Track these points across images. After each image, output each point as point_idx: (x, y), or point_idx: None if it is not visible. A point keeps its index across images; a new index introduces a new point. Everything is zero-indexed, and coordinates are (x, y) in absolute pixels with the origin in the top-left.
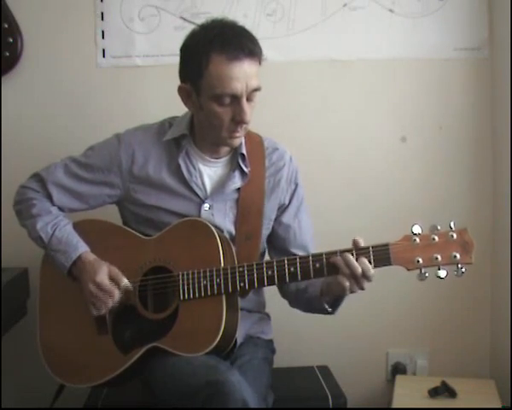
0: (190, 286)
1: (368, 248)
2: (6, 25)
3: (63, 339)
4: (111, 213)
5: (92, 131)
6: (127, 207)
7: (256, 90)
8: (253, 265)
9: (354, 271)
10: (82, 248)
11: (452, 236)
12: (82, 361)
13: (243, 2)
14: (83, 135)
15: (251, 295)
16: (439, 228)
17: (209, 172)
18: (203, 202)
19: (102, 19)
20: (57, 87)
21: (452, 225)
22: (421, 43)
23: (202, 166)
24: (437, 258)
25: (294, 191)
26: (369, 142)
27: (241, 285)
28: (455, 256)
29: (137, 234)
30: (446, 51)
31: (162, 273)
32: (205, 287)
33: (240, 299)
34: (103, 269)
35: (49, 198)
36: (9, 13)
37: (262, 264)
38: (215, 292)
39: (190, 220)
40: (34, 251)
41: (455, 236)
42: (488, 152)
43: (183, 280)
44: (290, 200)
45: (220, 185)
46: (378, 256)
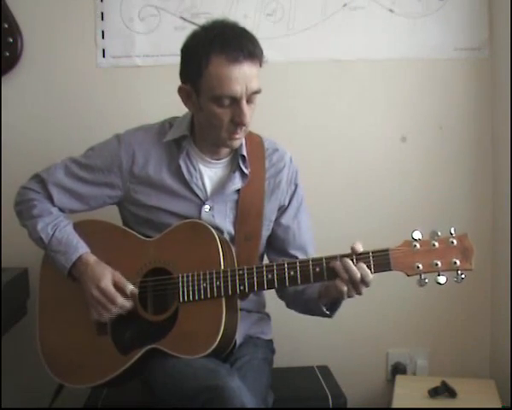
0: (190, 288)
1: (368, 253)
2: (6, 25)
3: (63, 339)
4: (111, 213)
5: (92, 131)
6: (127, 207)
7: (256, 92)
8: (253, 268)
9: (353, 276)
10: (82, 249)
11: (452, 242)
12: (81, 362)
13: (243, 2)
14: (83, 135)
15: (250, 295)
16: (440, 234)
17: (209, 173)
18: (203, 204)
19: (102, 19)
20: (57, 87)
21: (453, 231)
22: (421, 43)
23: (203, 167)
24: (437, 264)
25: (294, 192)
26: (369, 142)
27: (241, 288)
28: (455, 262)
29: (138, 235)
30: (447, 51)
31: (162, 275)
32: (204, 289)
33: (239, 300)
34: (107, 275)
35: (50, 199)
36: (9, 13)
37: (262, 267)
38: (215, 295)
39: (191, 222)
40: (34, 251)
41: (455, 242)
42: (488, 152)
43: (183, 282)
44: (290, 201)
45: (220, 186)
46: (378, 261)
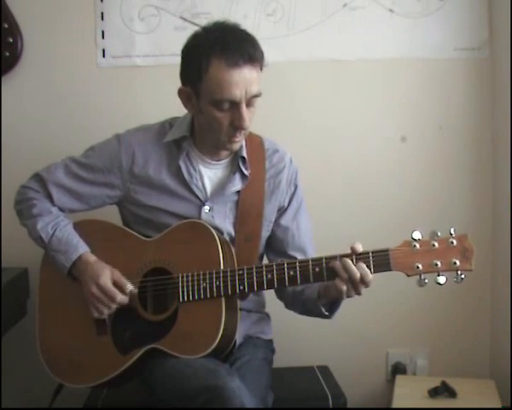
0: (190, 288)
1: (368, 253)
2: (6, 25)
3: (62, 339)
4: (111, 213)
5: (92, 131)
6: (127, 207)
7: (256, 96)
8: (253, 268)
9: (352, 276)
10: (82, 248)
11: (452, 242)
12: (81, 361)
13: (243, 2)
14: (83, 135)
15: (250, 295)
16: (439, 234)
17: (209, 174)
18: (203, 204)
19: (102, 19)
20: (57, 87)
21: (452, 231)
22: (421, 43)
23: (203, 168)
24: (437, 264)
25: (294, 193)
26: (369, 142)
27: (241, 288)
28: (455, 263)
29: (137, 235)
30: (447, 51)
31: (162, 275)
32: (204, 289)
33: (239, 300)
34: (106, 272)
35: (50, 198)
36: (9, 13)
37: (262, 267)
38: (214, 295)
39: (190, 222)
40: (34, 251)
41: (455, 242)
42: (488, 152)
43: (183, 282)
44: (289, 202)
45: (220, 187)
46: (378, 262)
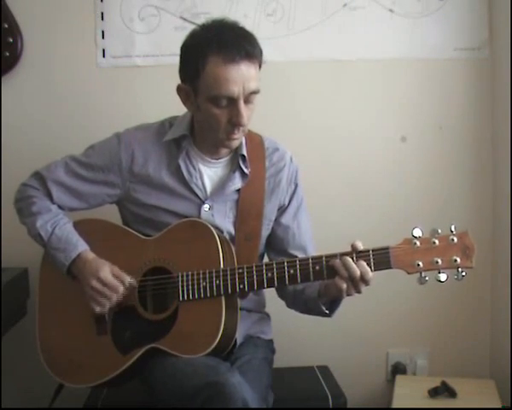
0: (190, 287)
1: (368, 251)
2: (6, 25)
3: (62, 339)
4: (111, 212)
5: (92, 131)
6: (127, 206)
7: (254, 92)
8: (253, 267)
9: (352, 273)
10: (81, 246)
11: (453, 239)
12: (81, 361)
13: (243, 2)
14: (83, 135)
15: (251, 294)
16: (440, 231)
17: (209, 172)
18: (203, 203)
19: (102, 19)
20: (57, 87)
21: (453, 229)
22: (421, 43)
23: (202, 166)
24: (437, 262)
25: (294, 192)
26: (369, 142)
27: (241, 287)
28: (455, 260)
29: (137, 234)
30: (447, 51)
31: (162, 274)
32: (204, 288)
33: (239, 299)
34: (106, 267)
35: (49, 196)
36: (9, 13)
37: (262, 266)
38: (214, 294)
39: (190, 221)
40: (34, 251)
41: (455, 239)
42: (488, 152)
43: (183, 281)
44: (290, 200)
45: (220, 186)
46: (378, 259)
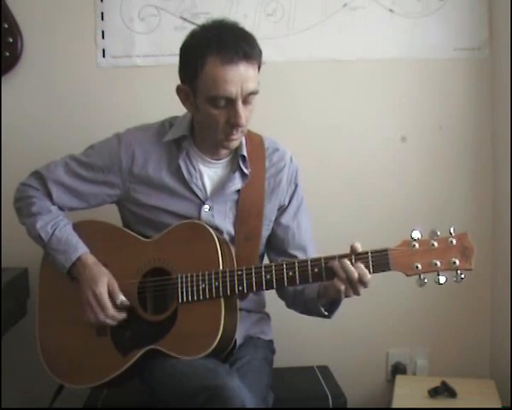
0: (189, 289)
1: (367, 253)
2: (6, 25)
3: (62, 339)
4: (111, 213)
5: (92, 131)
6: (127, 207)
7: (252, 93)
8: (252, 269)
9: (350, 275)
10: (82, 249)
11: (452, 241)
12: (81, 362)
13: (243, 2)
14: (83, 135)
15: (250, 295)
16: (439, 233)
17: (209, 173)
18: (203, 203)
19: (102, 19)
20: (57, 87)
21: (452, 231)
22: (421, 43)
23: (203, 167)
24: (436, 264)
25: (294, 192)
26: (369, 142)
27: (240, 289)
28: (454, 262)
29: (137, 235)
30: (446, 51)
31: (161, 275)
32: (203, 290)
33: (239, 300)
34: (103, 280)
35: (49, 196)
36: (9, 13)
37: (260, 268)
38: (213, 295)
39: (189, 223)
40: (34, 251)
41: (454, 241)
42: (488, 152)
43: (182, 283)
44: (290, 200)
45: (220, 186)
46: (377, 261)
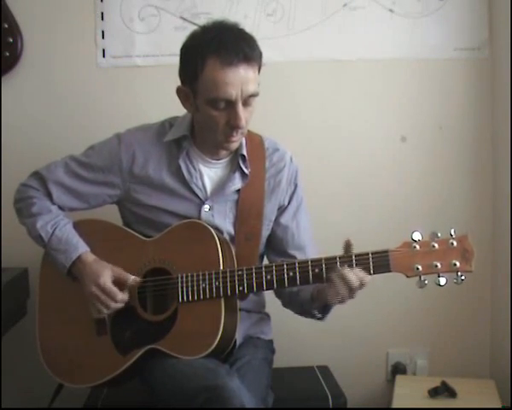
0: (189, 289)
1: (367, 254)
2: (6, 25)
3: (62, 339)
4: (111, 213)
5: (92, 131)
6: (127, 207)
7: (253, 95)
8: (252, 269)
9: (352, 285)
10: (82, 248)
11: (452, 243)
12: (81, 361)
13: (243, 2)
14: (83, 135)
15: (250, 295)
16: (440, 235)
17: (209, 173)
18: (203, 203)
19: (102, 19)
20: (57, 87)
21: (453, 232)
22: (421, 43)
23: (203, 167)
24: (436, 265)
25: (294, 192)
26: (369, 142)
27: (240, 289)
28: (454, 264)
29: (137, 235)
30: (446, 51)
31: (161, 275)
32: (204, 290)
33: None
34: (106, 271)
35: (49, 197)
36: (9, 13)
37: (261, 268)
38: (214, 295)
39: (190, 222)
40: (34, 251)
41: (455, 243)
42: (488, 152)
43: (182, 282)
44: (289, 201)
45: (220, 186)
46: (377, 263)
